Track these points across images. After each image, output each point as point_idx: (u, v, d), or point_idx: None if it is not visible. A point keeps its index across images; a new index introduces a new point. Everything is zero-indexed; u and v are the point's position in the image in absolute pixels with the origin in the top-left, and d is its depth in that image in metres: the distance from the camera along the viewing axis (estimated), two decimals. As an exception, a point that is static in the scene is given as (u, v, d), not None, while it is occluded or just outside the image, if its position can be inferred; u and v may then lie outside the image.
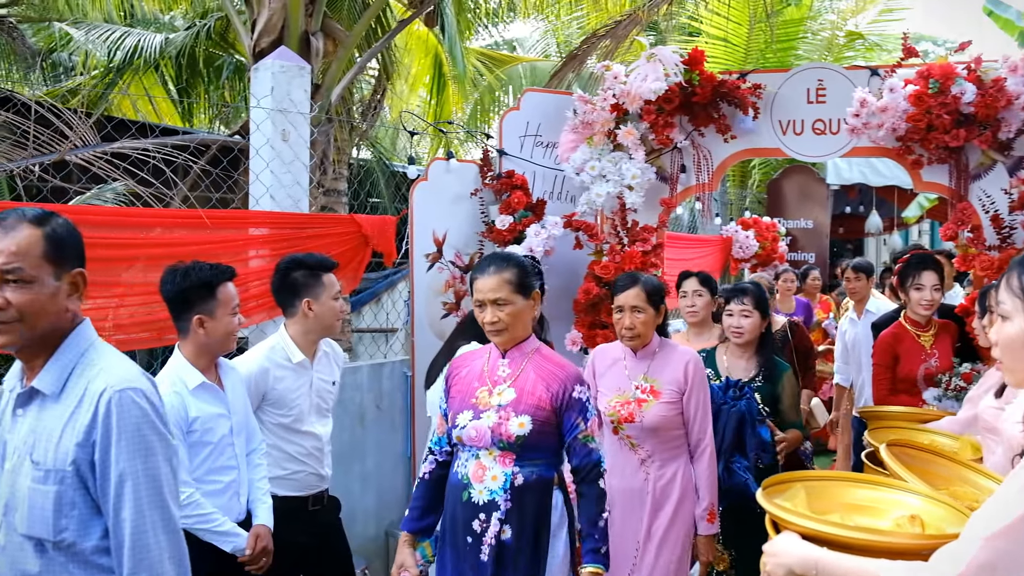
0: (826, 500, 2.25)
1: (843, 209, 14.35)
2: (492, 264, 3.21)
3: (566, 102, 6.03)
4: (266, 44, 6.02)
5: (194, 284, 3.31)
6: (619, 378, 3.99)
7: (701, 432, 3.89)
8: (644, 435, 3.89)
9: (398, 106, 13.69)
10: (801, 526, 2.00)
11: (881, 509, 2.22)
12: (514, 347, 3.25)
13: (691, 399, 3.87)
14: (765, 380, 4.48)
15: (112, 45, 11.37)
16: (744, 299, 4.55)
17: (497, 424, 3.12)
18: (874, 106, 5.51)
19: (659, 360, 3.95)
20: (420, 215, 5.75)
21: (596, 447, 3.17)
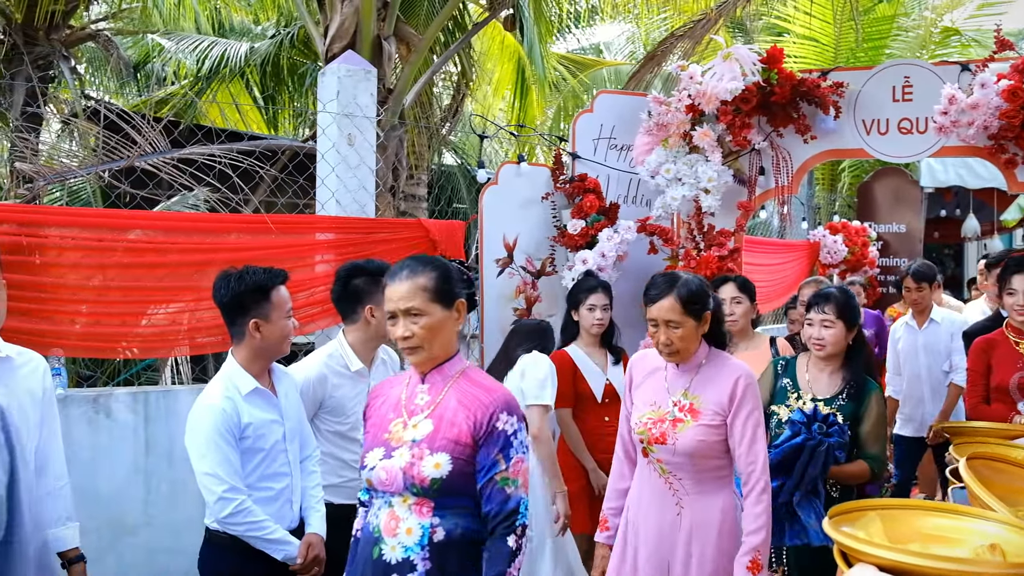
0: (899, 528, 2.09)
1: (938, 213, 13.85)
2: (406, 268, 2.69)
3: (640, 104, 5.90)
4: (338, 49, 6.02)
5: (248, 288, 3.26)
6: (657, 391, 3.38)
7: (752, 461, 3.20)
8: (677, 461, 3.26)
9: (481, 111, 13.70)
10: (879, 557, 1.84)
11: (956, 538, 2.05)
12: (434, 369, 2.70)
13: (736, 420, 3.22)
14: (850, 399, 3.91)
15: (201, 54, 11.62)
16: (826, 307, 3.96)
17: (409, 464, 2.58)
18: (964, 103, 5.25)
19: (705, 374, 3.30)
20: (490, 220, 5.68)
21: (517, 494, 2.57)
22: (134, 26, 13.76)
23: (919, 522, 2.12)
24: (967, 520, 2.09)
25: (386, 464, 2.62)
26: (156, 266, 4.38)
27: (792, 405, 3.95)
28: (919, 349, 6.35)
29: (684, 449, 3.23)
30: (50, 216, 4.29)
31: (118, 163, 4.35)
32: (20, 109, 9.87)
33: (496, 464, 2.56)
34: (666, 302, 3.21)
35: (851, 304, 4.01)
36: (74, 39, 12.13)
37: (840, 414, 3.82)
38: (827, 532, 2.00)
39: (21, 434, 2.90)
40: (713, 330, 3.34)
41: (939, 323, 6.30)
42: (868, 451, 3.87)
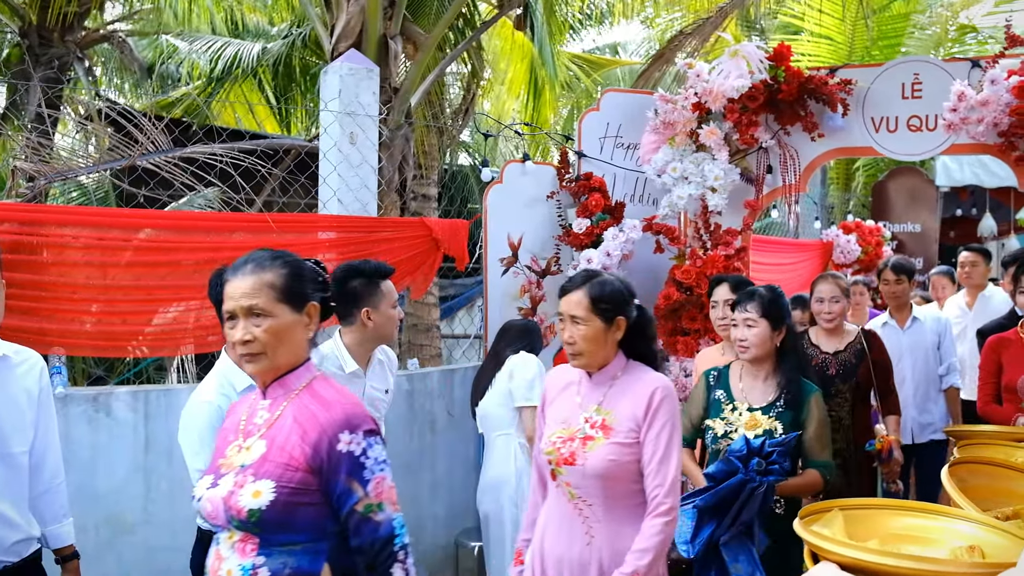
0: (869, 528, 2.05)
1: (954, 212, 13.71)
2: (250, 261, 2.32)
3: (647, 102, 5.86)
4: (344, 48, 6.01)
5: None
6: (569, 407, 3.06)
7: (659, 484, 2.84)
8: (587, 484, 2.90)
9: (495, 111, 13.68)
10: (839, 555, 1.82)
11: (934, 539, 2.01)
12: (276, 381, 2.33)
13: (649, 435, 2.88)
14: (787, 406, 3.62)
15: (213, 55, 11.65)
16: (748, 305, 3.69)
17: (229, 493, 2.21)
18: (974, 99, 5.19)
19: (619, 387, 2.98)
20: (495, 218, 5.66)
21: (387, 518, 2.21)
22: (149, 27, 13.82)
23: (892, 522, 2.09)
24: (946, 520, 2.06)
25: (211, 494, 2.26)
26: (161, 265, 4.38)
27: (727, 417, 3.69)
28: (903, 350, 5.95)
29: (594, 470, 2.88)
30: (51, 215, 4.30)
31: (120, 162, 4.34)
32: (35, 110, 9.93)
33: (351, 493, 2.19)
34: (575, 296, 2.97)
35: (778, 302, 3.73)
36: (89, 40, 12.20)
37: (779, 423, 3.58)
38: (797, 531, 1.96)
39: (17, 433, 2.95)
40: (636, 343, 3.04)
41: (923, 321, 5.98)
42: (816, 459, 3.62)
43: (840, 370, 4.82)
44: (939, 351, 5.96)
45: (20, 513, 2.94)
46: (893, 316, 6.05)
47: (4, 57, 12.79)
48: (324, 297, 2.41)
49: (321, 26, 6.57)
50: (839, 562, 1.81)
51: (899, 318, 6.02)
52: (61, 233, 4.12)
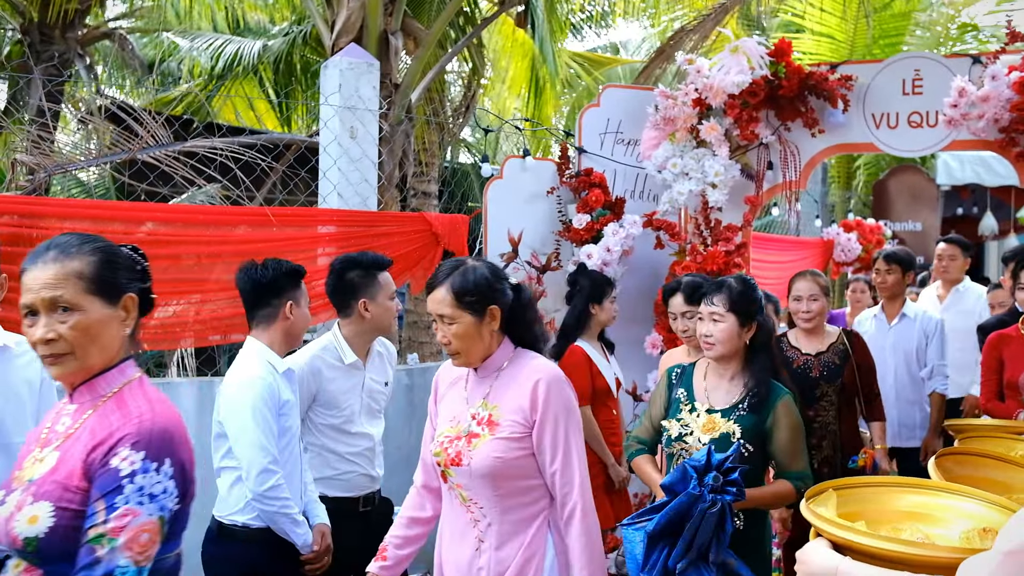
0: (877, 506, 2.05)
1: (955, 211, 13.72)
2: (53, 248, 1.99)
3: (647, 98, 5.86)
4: (344, 44, 6.00)
5: (287, 272, 3.38)
6: (458, 403, 2.86)
7: (567, 482, 2.66)
8: (476, 485, 2.70)
9: (496, 109, 13.68)
10: (829, 533, 1.85)
11: (940, 518, 2.01)
12: (84, 384, 2.01)
13: (544, 433, 2.66)
14: (751, 409, 3.28)
15: (214, 53, 11.66)
16: (715, 298, 3.36)
17: (9, 516, 1.92)
18: (974, 95, 5.18)
19: (504, 379, 2.76)
20: (495, 214, 5.66)
21: (111, 562, 1.78)
22: (150, 25, 13.83)
23: (898, 500, 2.08)
24: (957, 499, 2.05)
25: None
26: (161, 259, 4.38)
27: (684, 418, 3.37)
28: (887, 349, 5.75)
29: (480, 469, 2.67)
30: (52, 208, 4.30)
31: (119, 155, 4.34)
32: (36, 104, 9.93)
33: (94, 514, 1.82)
34: (438, 293, 2.71)
35: (748, 295, 3.39)
36: (90, 38, 12.22)
37: (739, 427, 3.25)
38: (802, 512, 1.97)
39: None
40: (515, 329, 2.83)
41: (912, 319, 5.76)
42: (790, 470, 3.28)
43: (824, 371, 4.69)
44: (926, 352, 5.75)
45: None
46: (884, 309, 5.93)
47: (5, 54, 12.80)
48: (143, 288, 2.11)
49: (322, 22, 6.57)
50: (829, 539, 1.84)
51: (889, 312, 5.89)
52: (61, 226, 4.11)
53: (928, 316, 5.84)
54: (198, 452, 4.12)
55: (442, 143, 9.24)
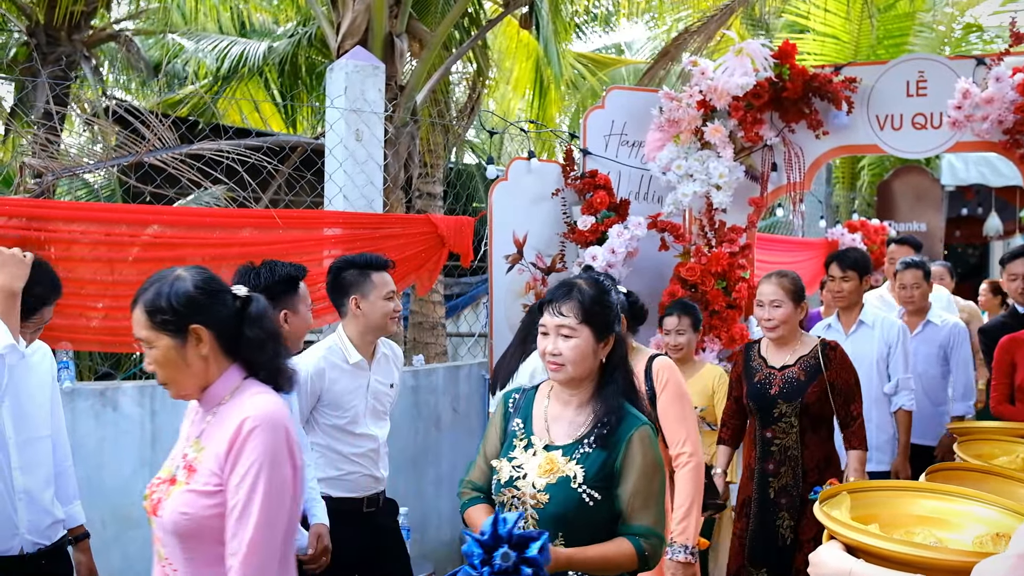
0: (890, 510, 2.08)
1: (959, 212, 13.71)
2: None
3: (652, 100, 5.87)
4: (349, 46, 6.02)
5: (281, 279, 3.34)
6: (181, 439, 2.39)
7: (235, 549, 2.11)
8: (169, 543, 2.21)
9: (500, 110, 13.70)
10: (843, 536, 1.88)
11: (955, 523, 2.02)
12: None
13: (231, 482, 2.14)
14: (599, 444, 2.53)
15: (219, 54, 11.69)
16: (563, 307, 2.59)
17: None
18: (978, 97, 5.19)
19: (220, 416, 2.23)
20: (500, 216, 5.67)
21: None
22: (156, 27, 13.87)
23: (913, 505, 2.10)
24: (967, 504, 2.07)
25: None
26: (168, 261, 4.39)
27: (517, 457, 2.61)
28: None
29: (167, 525, 2.18)
30: (58, 211, 4.32)
31: (126, 159, 4.37)
32: (43, 107, 9.98)
33: None
34: (134, 315, 2.24)
35: (603, 301, 2.63)
36: (96, 39, 12.25)
37: (582, 469, 2.50)
38: (816, 514, 1.98)
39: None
40: (242, 353, 2.29)
41: (871, 327, 5.10)
42: (634, 523, 2.52)
43: (784, 388, 4.15)
44: (887, 364, 5.09)
45: (51, 496, 3.08)
46: (840, 318, 5.24)
47: (12, 56, 12.85)
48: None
49: (327, 24, 6.59)
50: (843, 542, 1.86)
51: (845, 321, 5.21)
52: (68, 229, 4.14)
53: (890, 322, 5.15)
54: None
55: (447, 144, 9.26)
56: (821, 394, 4.11)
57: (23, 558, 3.03)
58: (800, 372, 4.14)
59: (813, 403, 4.09)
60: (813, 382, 4.11)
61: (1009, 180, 11.22)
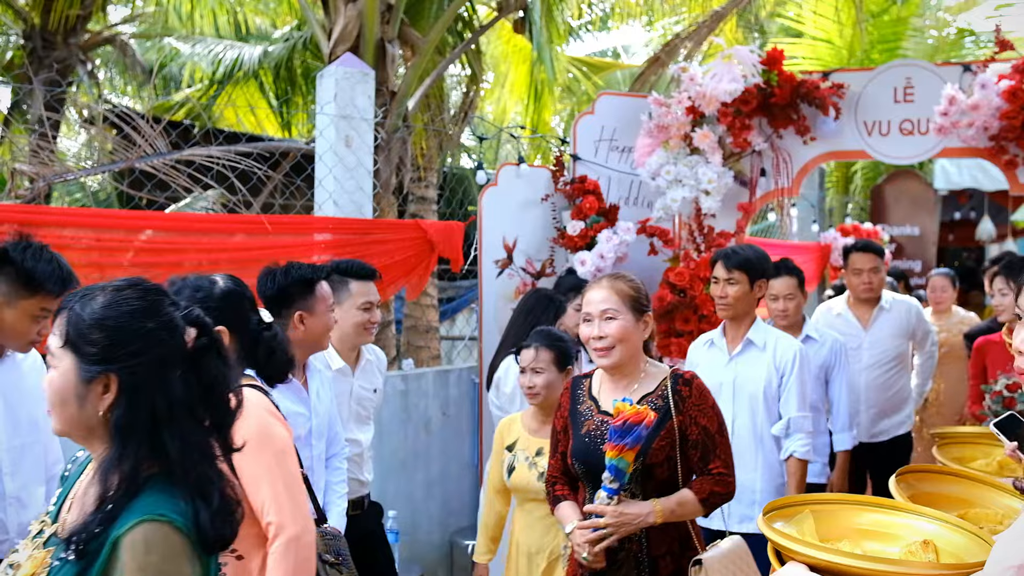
0: (833, 525, 2.10)
1: (953, 215, 13.78)
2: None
3: (641, 105, 5.92)
4: (341, 52, 6.06)
5: (295, 281, 3.33)
6: None
7: None
8: None
9: (496, 114, 13.74)
10: (809, 556, 1.84)
11: (892, 535, 2.06)
12: None
13: None
14: (77, 556, 1.61)
15: (215, 58, 11.74)
16: None
17: None
18: (964, 104, 5.24)
19: None
20: (490, 221, 5.71)
21: None
22: (152, 30, 13.92)
23: (855, 518, 2.13)
24: (903, 516, 2.11)
25: None
26: (160, 266, 4.43)
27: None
28: (724, 391, 4.01)
29: None
30: (51, 216, 4.35)
31: (119, 164, 4.41)
32: (38, 113, 10.02)
33: None
34: None
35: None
36: (92, 43, 12.31)
37: None
38: (760, 528, 2.00)
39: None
40: None
41: (761, 348, 4.03)
42: None
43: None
44: (778, 397, 4.01)
45: (42, 502, 3.13)
46: (725, 332, 4.18)
47: (8, 60, 12.89)
48: None
49: (320, 30, 6.63)
50: (804, 562, 1.86)
51: (731, 336, 4.14)
52: (60, 234, 4.17)
53: (786, 343, 4.04)
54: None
55: (441, 148, 9.30)
56: (672, 448, 2.88)
57: None
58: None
59: (660, 463, 2.86)
60: (660, 432, 2.86)
61: (1002, 184, 11.21)
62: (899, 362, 5.46)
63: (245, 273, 4.32)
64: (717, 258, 4.14)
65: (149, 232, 4.40)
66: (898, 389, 5.46)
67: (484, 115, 11.95)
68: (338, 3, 6.24)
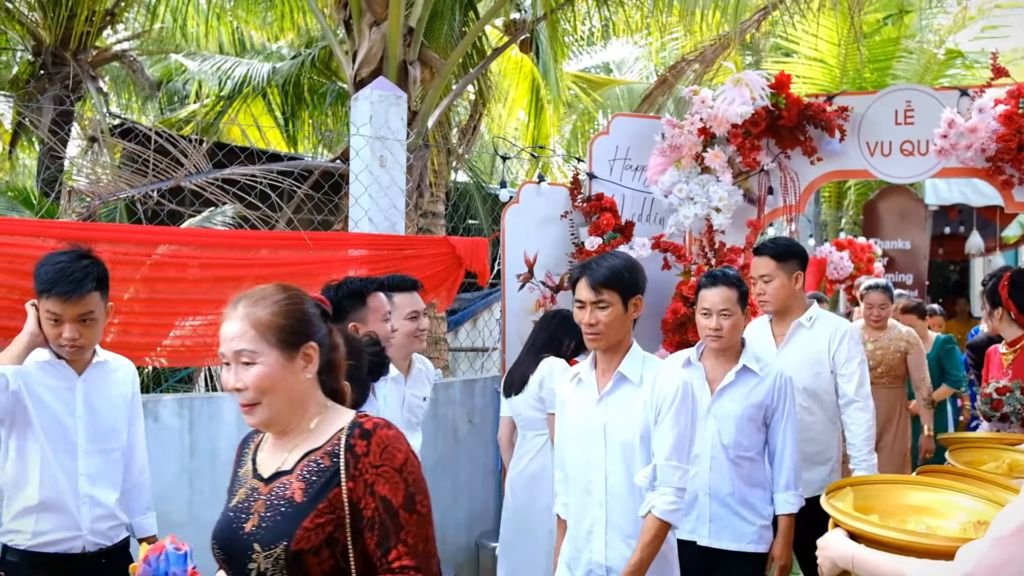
0: (888, 501, 2.37)
1: (943, 230, 14.08)
2: None
3: (654, 126, 6.18)
4: (366, 74, 6.32)
5: (347, 294, 3.52)
6: None
7: None
8: None
9: (496, 130, 14.01)
10: (846, 524, 2.17)
11: (944, 513, 2.32)
12: None
13: None
14: None
15: (223, 75, 11.98)
16: None
17: None
18: (963, 126, 5.51)
19: None
20: (512, 237, 5.96)
21: None
22: (159, 47, 14.13)
23: (910, 496, 2.40)
24: (954, 495, 2.37)
25: None
26: (211, 281, 4.66)
27: None
28: (594, 436, 3.26)
29: None
30: (103, 233, 4.57)
31: (164, 184, 4.64)
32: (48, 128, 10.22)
33: None
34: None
35: None
36: (100, 59, 12.51)
37: None
38: (823, 505, 2.28)
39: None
40: None
41: (636, 384, 3.19)
42: None
43: (264, 520, 2.15)
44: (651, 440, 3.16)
45: (115, 502, 3.31)
46: (596, 365, 3.33)
47: (15, 75, 13.08)
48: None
49: (342, 53, 6.87)
50: (847, 530, 2.15)
51: (603, 369, 3.31)
52: (113, 251, 4.39)
53: (668, 376, 3.19)
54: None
55: (449, 165, 9.56)
56: (338, 528, 2.10)
57: (84, 556, 3.31)
58: (298, 486, 2.13)
59: (316, 550, 2.07)
60: (318, 504, 2.10)
61: (990, 200, 11.56)
62: (812, 398, 4.36)
63: (291, 287, 4.58)
64: (577, 276, 3.24)
65: (166, 247, 4.60)
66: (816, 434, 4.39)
67: (489, 135, 12.21)
68: (363, 27, 6.49)
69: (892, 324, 6.70)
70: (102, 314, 3.22)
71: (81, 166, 4.81)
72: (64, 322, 3.11)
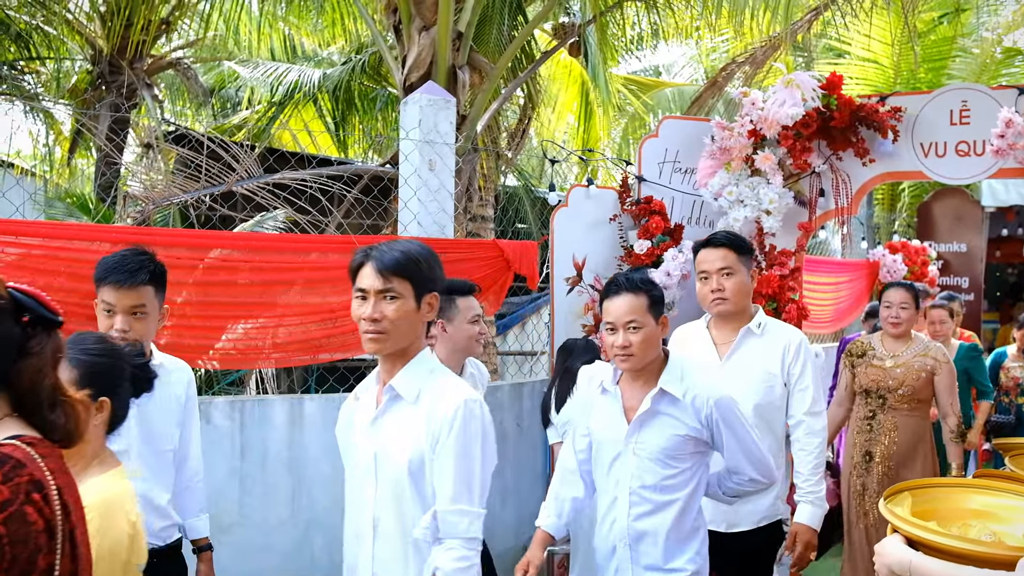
0: (948, 506, 2.33)
1: (1000, 232, 13.81)
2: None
3: (704, 129, 6.14)
4: (415, 78, 6.36)
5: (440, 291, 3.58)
6: None
7: None
8: None
9: (546, 134, 14.03)
10: (905, 531, 2.13)
11: (1008, 518, 2.27)
12: None
13: None
14: None
15: (275, 81, 12.14)
16: None
17: None
18: (1020, 126, 5.41)
19: None
20: (561, 240, 5.96)
21: None
22: (211, 54, 14.36)
23: (972, 500, 2.35)
24: (1017, 499, 2.31)
25: None
26: (239, 284, 4.71)
27: None
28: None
29: None
30: (159, 237, 4.66)
31: (217, 188, 4.71)
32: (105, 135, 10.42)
33: None
34: None
35: None
36: (155, 67, 12.74)
37: None
38: (881, 511, 2.24)
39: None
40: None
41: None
42: None
43: None
44: None
45: (167, 503, 3.35)
46: (378, 378, 2.78)
47: (74, 84, 13.37)
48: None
49: (391, 58, 6.92)
50: (905, 536, 2.11)
51: (382, 382, 2.73)
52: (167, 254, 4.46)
53: (451, 395, 2.61)
54: (284, 466, 4.49)
55: (498, 169, 9.58)
56: None
57: None
58: None
59: None
60: None
61: (1050, 201, 11.38)
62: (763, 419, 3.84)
63: (339, 288, 4.64)
64: (360, 262, 2.63)
65: (246, 252, 4.68)
66: None
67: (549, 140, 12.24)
68: (412, 32, 6.53)
69: (916, 336, 5.50)
70: (155, 311, 3.24)
71: (136, 172, 4.88)
72: (116, 312, 3.12)
